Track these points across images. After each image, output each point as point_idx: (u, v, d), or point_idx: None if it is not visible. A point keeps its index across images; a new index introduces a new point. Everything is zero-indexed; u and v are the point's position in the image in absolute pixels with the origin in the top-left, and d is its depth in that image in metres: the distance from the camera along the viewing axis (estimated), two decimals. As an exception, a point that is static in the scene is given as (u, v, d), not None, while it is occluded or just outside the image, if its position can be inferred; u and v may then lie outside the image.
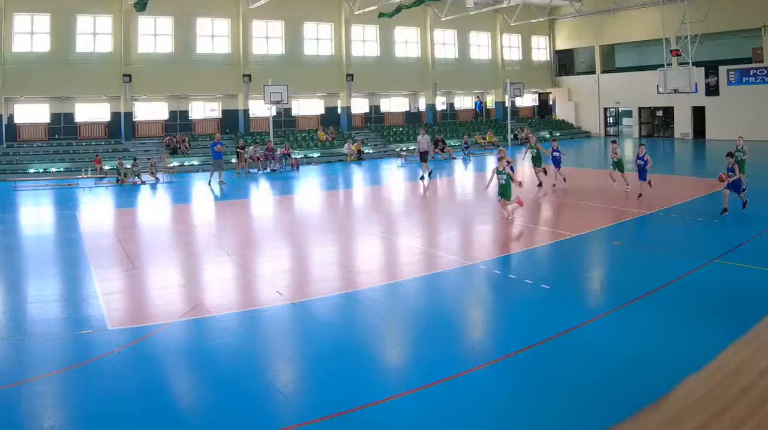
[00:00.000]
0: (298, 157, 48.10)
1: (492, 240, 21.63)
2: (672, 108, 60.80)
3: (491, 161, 46.54)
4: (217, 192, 35.68)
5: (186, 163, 46.90)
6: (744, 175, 24.23)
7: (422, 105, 62.76)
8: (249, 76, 51.70)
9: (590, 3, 61.58)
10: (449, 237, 22.33)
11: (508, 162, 23.39)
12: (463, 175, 42.36)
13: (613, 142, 31.28)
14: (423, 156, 38.36)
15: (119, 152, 45.43)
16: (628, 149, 51.54)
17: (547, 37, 70.24)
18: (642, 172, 26.95)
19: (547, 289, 15.12)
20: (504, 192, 22.62)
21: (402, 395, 9.84)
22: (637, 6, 57.44)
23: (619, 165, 28.69)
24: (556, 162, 31.58)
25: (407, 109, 63.06)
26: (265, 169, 45.25)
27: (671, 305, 13.71)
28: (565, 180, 31.39)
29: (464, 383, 10.21)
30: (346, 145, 52.36)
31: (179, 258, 19.71)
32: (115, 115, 49.05)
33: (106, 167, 42.39)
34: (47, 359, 11.43)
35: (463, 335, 12.84)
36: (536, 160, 32.20)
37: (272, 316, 13.87)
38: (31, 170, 42.92)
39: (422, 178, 37.30)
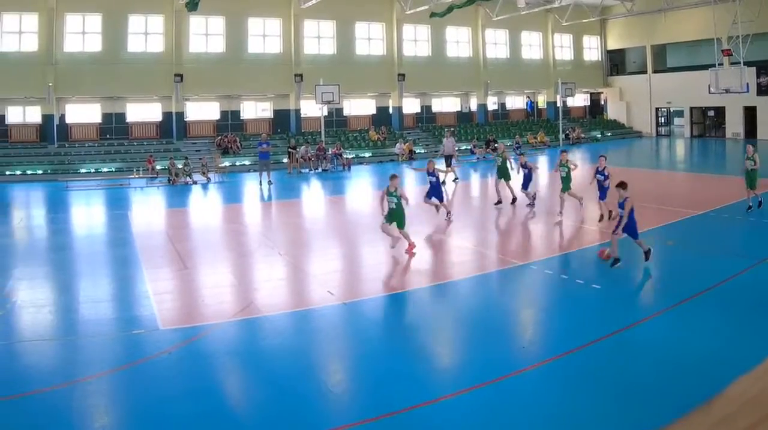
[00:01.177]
0: (350, 157, 46.40)
1: (543, 240, 21.20)
2: (723, 108, 57.90)
3: (543, 162, 45.40)
4: (267, 192, 34.45)
5: (237, 163, 45.12)
6: (754, 190, 23.04)
7: (474, 105, 59.99)
8: (300, 75, 49.51)
9: (642, 3, 58.42)
10: (500, 237, 21.94)
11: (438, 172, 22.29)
12: (514, 175, 39.20)
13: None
14: (447, 160, 35.85)
15: (171, 152, 43.79)
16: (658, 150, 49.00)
17: (599, 37, 66.81)
18: (602, 190, 22.06)
19: (598, 289, 14.80)
20: (392, 217, 18.30)
21: (453, 395, 9.64)
22: (688, 6, 54.12)
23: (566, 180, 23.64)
24: (525, 180, 26.27)
25: (459, 109, 60.47)
26: (317, 169, 43.59)
27: (722, 305, 13.43)
28: (533, 203, 25.64)
29: (515, 383, 10.03)
30: (397, 145, 50.22)
31: (230, 258, 19.21)
32: (167, 115, 47.54)
33: (158, 167, 40.97)
34: (99, 359, 11.24)
35: (515, 335, 12.62)
36: (501, 173, 26.89)
37: (323, 316, 13.57)
38: (83, 170, 41.40)
39: (450, 181, 34.89)
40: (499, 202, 26.51)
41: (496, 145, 43.16)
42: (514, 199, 26.68)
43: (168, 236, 22.32)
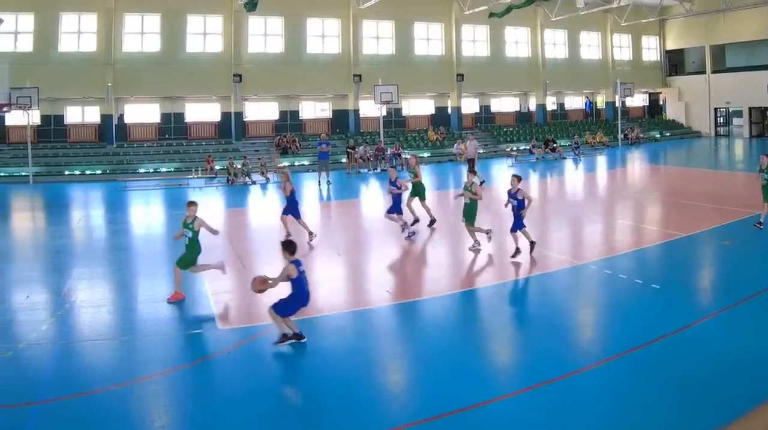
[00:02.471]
0: (408, 156, 43.05)
1: (602, 240, 20.43)
2: (782, 108, 54.19)
3: (601, 162, 44.22)
4: (325, 192, 33.29)
5: (296, 163, 42.83)
6: None
7: (532, 105, 56.51)
8: (359, 76, 46.89)
9: (700, 3, 55.00)
10: (559, 237, 20.84)
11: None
12: (572, 175, 38.99)
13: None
14: (470, 163, 32.57)
15: (229, 152, 41.96)
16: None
17: (658, 37, 62.98)
18: (517, 219, 17.21)
19: (657, 289, 14.23)
20: (185, 255, 14.49)
21: (511, 394, 9.42)
22: (747, 6, 50.34)
23: None
24: (395, 203, 20.67)
25: (517, 109, 57.17)
26: (375, 169, 41.41)
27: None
28: (403, 230, 20.19)
29: (574, 382, 9.72)
30: (455, 145, 47.24)
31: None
32: (226, 115, 45.46)
33: (217, 167, 39.03)
34: (158, 359, 10.99)
35: (573, 334, 12.14)
36: (415, 190, 22.05)
37: (382, 315, 13.32)
38: (141, 170, 39.74)
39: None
40: (416, 221, 21.53)
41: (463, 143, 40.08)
42: (432, 221, 21.90)
43: (227, 235, 21.10)
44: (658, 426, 8.36)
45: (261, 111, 47.84)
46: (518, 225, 17.09)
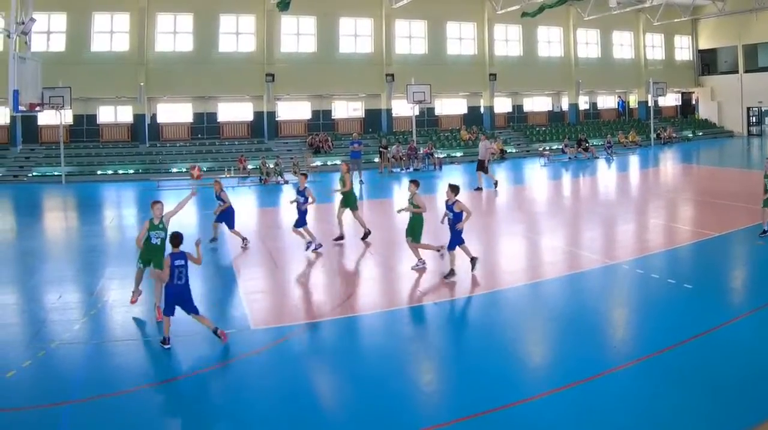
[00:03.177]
0: (441, 156, 42.40)
1: (635, 239, 19.47)
2: (816, 108, 51.16)
3: (634, 161, 42.64)
4: (358, 191, 31.13)
5: (329, 163, 41.27)
6: None
7: (565, 104, 54.76)
8: (392, 75, 45.17)
9: (733, 2, 53.21)
10: (591, 236, 20.26)
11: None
12: (605, 174, 37.53)
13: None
14: (480, 165, 30.60)
15: (262, 152, 40.65)
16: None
17: (690, 37, 60.83)
18: (454, 235, 14.82)
19: (689, 288, 13.75)
20: (149, 258, 12.85)
21: (545, 394, 9.01)
22: (780, 5, 48.24)
23: None
24: (300, 215, 18.11)
25: (550, 108, 55.54)
26: (408, 168, 39.89)
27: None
28: (308, 247, 17.82)
29: (607, 382, 9.38)
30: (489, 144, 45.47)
31: (321, 258, 17.47)
32: (258, 115, 44.05)
33: (250, 167, 37.58)
34: (190, 359, 10.71)
35: (606, 334, 11.75)
36: (344, 199, 19.28)
37: (415, 315, 12.91)
38: (174, 170, 38.29)
39: (478, 188, 29.79)
40: (340, 237, 19.01)
41: (571, 147, 38.31)
42: (366, 234, 19.23)
43: (260, 235, 20.57)
44: (691, 426, 8.09)
45: (293, 110, 46.40)
46: (456, 241, 14.76)
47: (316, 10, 43.73)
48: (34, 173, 36.59)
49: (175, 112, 43.02)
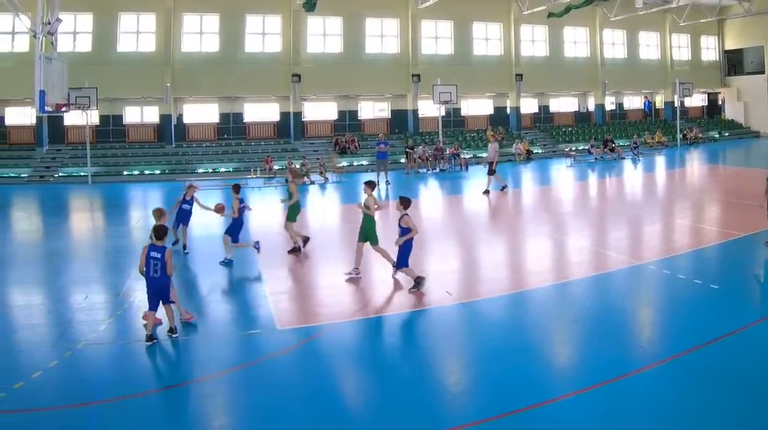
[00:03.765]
0: (467, 156, 40.92)
1: (661, 240, 18.96)
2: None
3: (660, 162, 41.38)
4: (384, 192, 30.78)
5: (355, 163, 40.17)
6: None
7: (591, 105, 53.24)
8: (418, 76, 43.74)
9: (760, 2, 51.27)
10: (617, 237, 19.64)
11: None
12: (631, 175, 36.49)
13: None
14: (489, 167, 29.03)
15: (288, 152, 39.52)
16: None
17: (716, 37, 58.95)
18: (399, 253, 13.81)
19: (716, 289, 13.24)
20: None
21: (572, 394, 8.65)
22: (807, 5, 46.46)
23: None
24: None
25: (576, 108, 53.96)
26: (434, 168, 38.75)
27: None
28: (223, 261, 16.56)
29: (634, 382, 8.98)
30: (514, 145, 44.30)
31: (347, 258, 16.43)
32: (284, 115, 42.85)
33: (276, 167, 36.52)
34: (216, 359, 10.29)
35: (633, 334, 11.19)
36: (291, 210, 17.55)
37: (441, 316, 12.33)
38: (200, 170, 37.41)
39: (487, 191, 28.27)
40: (295, 250, 17.64)
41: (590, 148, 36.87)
42: (306, 240, 17.97)
43: (285, 235, 19.22)
44: (719, 427, 7.81)
45: (320, 111, 45.17)
46: (402, 260, 13.60)
47: (342, 10, 42.57)
48: (61, 174, 35.70)
49: (201, 113, 41.97)
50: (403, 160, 39.86)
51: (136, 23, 38.72)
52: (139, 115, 40.76)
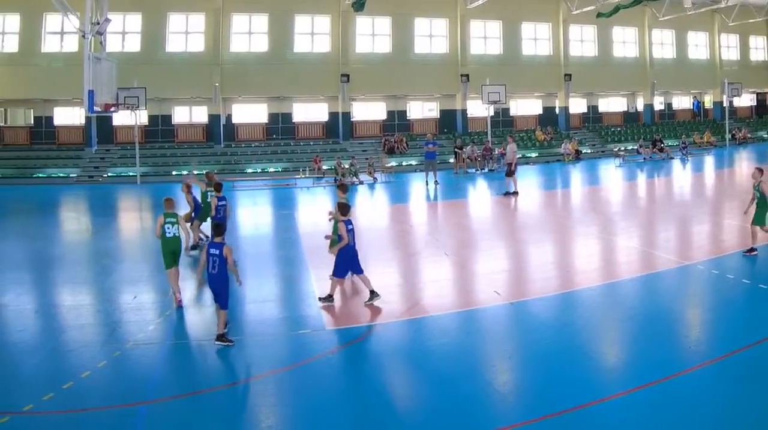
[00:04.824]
0: (518, 156, 38.36)
1: (709, 240, 18.21)
2: None
3: (709, 162, 39.37)
4: (433, 192, 29.95)
5: (404, 163, 38.07)
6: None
7: (640, 105, 50.35)
8: (467, 76, 41.37)
9: (809, 2, 47.42)
10: (666, 237, 18.94)
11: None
12: (680, 175, 35.13)
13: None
14: (508, 168, 27.56)
15: (337, 152, 37.48)
16: None
17: (765, 37, 55.61)
18: (336, 261, 13.04)
19: (765, 289, 12.58)
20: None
21: (620, 394, 8.38)
22: None
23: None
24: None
25: (625, 109, 51.16)
26: (483, 169, 37.04)
27: None
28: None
29: (683, 382, 8.68)
30: (563, 145, 41.96)
31: (396, 258, 16.91)
32: (333, 115, 40.86)
33: (324, 167, 34.69)
34: (265, 359, 10.03)
35: (682, 334, 10.74)
36: (202, 212, 17.50)
37: (490, 316, 11.94)
38: (249, 170, 35.65)
39: (507, 193, 26.93)
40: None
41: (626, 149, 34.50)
42: (192, 247, 17.08)
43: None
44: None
45: (368, 111, 43.13)
46: (339, 268, 12.71)
47: (391, 10, 40.38)
48: (109, 174, 34.20)
49: (250, 113, 40.15)
50: (451, 160, 38.00)
51: (185, 23, 37.06)
52: (188, 115, 39.07)
